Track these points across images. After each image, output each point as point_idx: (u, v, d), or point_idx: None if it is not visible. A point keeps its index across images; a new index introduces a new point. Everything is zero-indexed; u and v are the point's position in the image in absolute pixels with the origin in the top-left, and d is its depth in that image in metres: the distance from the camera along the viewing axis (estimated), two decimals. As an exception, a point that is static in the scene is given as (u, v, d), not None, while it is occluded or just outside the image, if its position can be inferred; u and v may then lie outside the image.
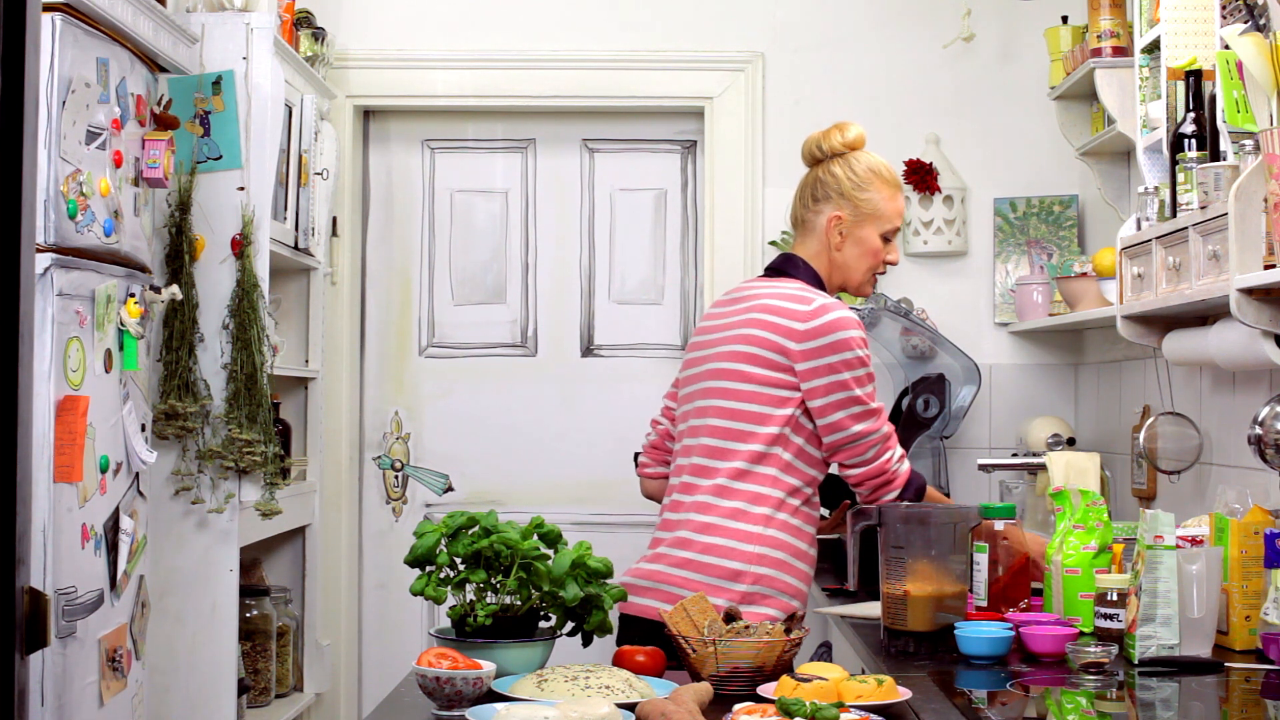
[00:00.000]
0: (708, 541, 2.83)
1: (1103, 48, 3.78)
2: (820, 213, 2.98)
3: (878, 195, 2.98)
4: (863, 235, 2.98)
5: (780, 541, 2.84)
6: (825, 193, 2.98)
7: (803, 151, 3.06)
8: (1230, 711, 2.37)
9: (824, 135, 3.02)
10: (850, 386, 2.84)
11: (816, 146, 3.02)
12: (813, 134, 3.06)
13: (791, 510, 2.87)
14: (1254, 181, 2.55)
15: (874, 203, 2.97)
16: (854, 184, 2.97)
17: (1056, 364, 4.42)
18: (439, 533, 2.47)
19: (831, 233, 2.97)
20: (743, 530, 2.83)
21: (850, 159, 3.00)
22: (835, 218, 2.97)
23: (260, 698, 3.75)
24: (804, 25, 4.47)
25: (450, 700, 2.18)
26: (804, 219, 3.02)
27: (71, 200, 2.65)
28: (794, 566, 2.86)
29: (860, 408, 2.85)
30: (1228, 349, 2.85)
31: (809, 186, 3.02)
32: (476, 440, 4.59)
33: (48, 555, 2.57)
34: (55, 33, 2.60)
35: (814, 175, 3.02)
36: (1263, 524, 2.63)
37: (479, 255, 4.64)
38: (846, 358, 2.84)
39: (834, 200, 2.97)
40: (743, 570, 2.80)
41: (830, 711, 1.99)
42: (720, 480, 2.87)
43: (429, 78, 4.49)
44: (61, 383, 2.63)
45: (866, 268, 3.01)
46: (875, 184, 2.98)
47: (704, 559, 2.82)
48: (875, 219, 2.98)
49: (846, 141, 3.00)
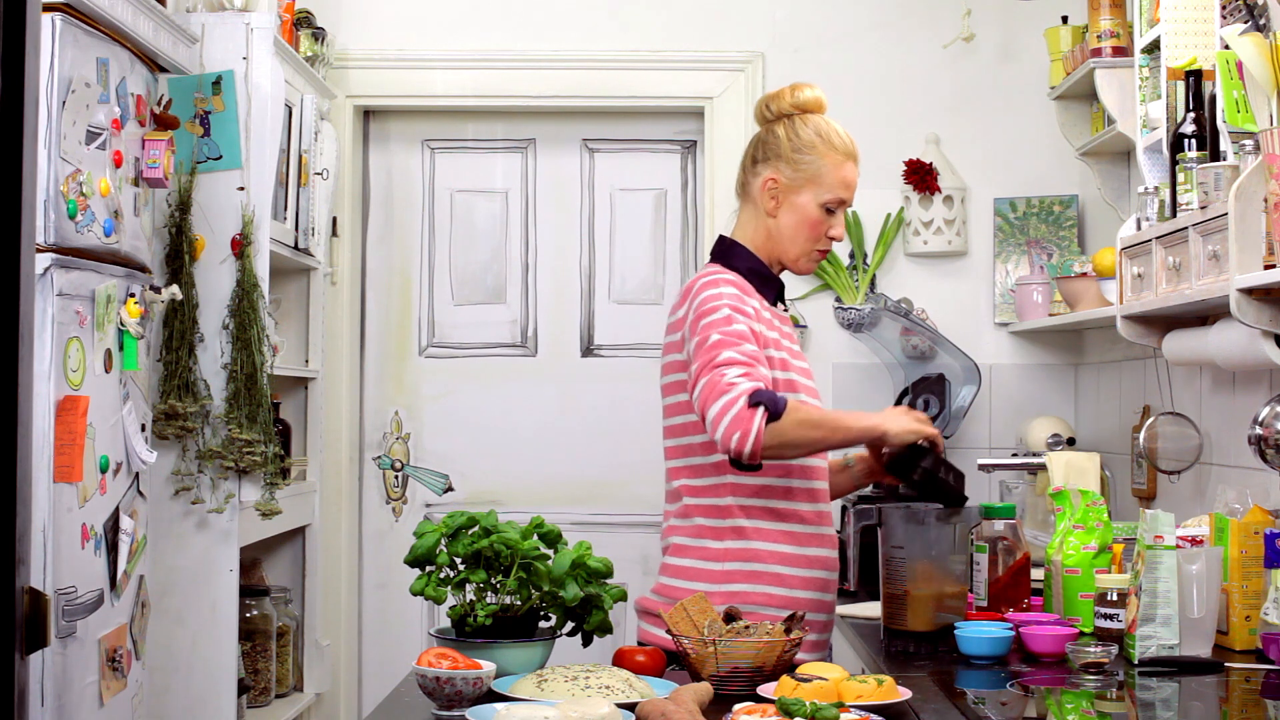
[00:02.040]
0: (679, 565, 2.70)
1: (1103, 48, 3.78)
2: (759, 175, 2.75)
3: (821, 161, 2.71)
4: (800, 201, 2.72)
5: (753, 552, 2.65)
6: (765, 154, 2.75)
7: (754, 111, 2.84)
8: (1230, 711, 2.37)
9: (774, 94, 2.79)
10: (697, 334, 2.60)
11: (766, 106, 2.80)
12: (767, 92, 2.87)
13: (763, 513, 2.66)
14: (1254, 181, 2.55)
15: (815, 166, 2.71)
16: (793, 146, 2.73)
17: (1056, 364, 4.42)
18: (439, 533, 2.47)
19: (764, 196, 2.74)
20: (710, 548, 2.66)
21: (798, 120, 2.75)
22: (770, 180, 2.73)
23: (260, 698, 3.75)
24: (804, 25, 4.47)
25: (450, 700, 2.18)
26: (743, 183, 2.80)
27: (71, 200, 2.65)
28: (777, 574, 2.66)
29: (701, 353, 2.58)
30: (1228, 349, 2.85)
31: (751, 148, 2.80)
32: (476, 440, 4.59)
33: (48, 555, 2.57)
34: (55, 33, 2.60)
35: (758, 136, 2.80)
36: (1263, 524, 2.63)
37: (479, 255, 4.64)
38: (696, 308, 2.63)
39: (771, 162, 2.74)
40: (712, 591, 2.62)
41: (830, 711, 1.99)
42: (682, 501, 2.71)
43: (429, 78, 4.49)
44: (61, 383, 2.63)
45: (805, 238, 2.74)
46: (819, 148, 2.72)
47: (676, 583, 2.68)
48: (814, 184, 2.72)
49: (796, 102, 2.76)
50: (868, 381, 4.38)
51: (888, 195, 4.42)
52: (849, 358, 4.42)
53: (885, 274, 4.43)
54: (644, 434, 4.31)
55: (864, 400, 4.32)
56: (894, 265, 4.44)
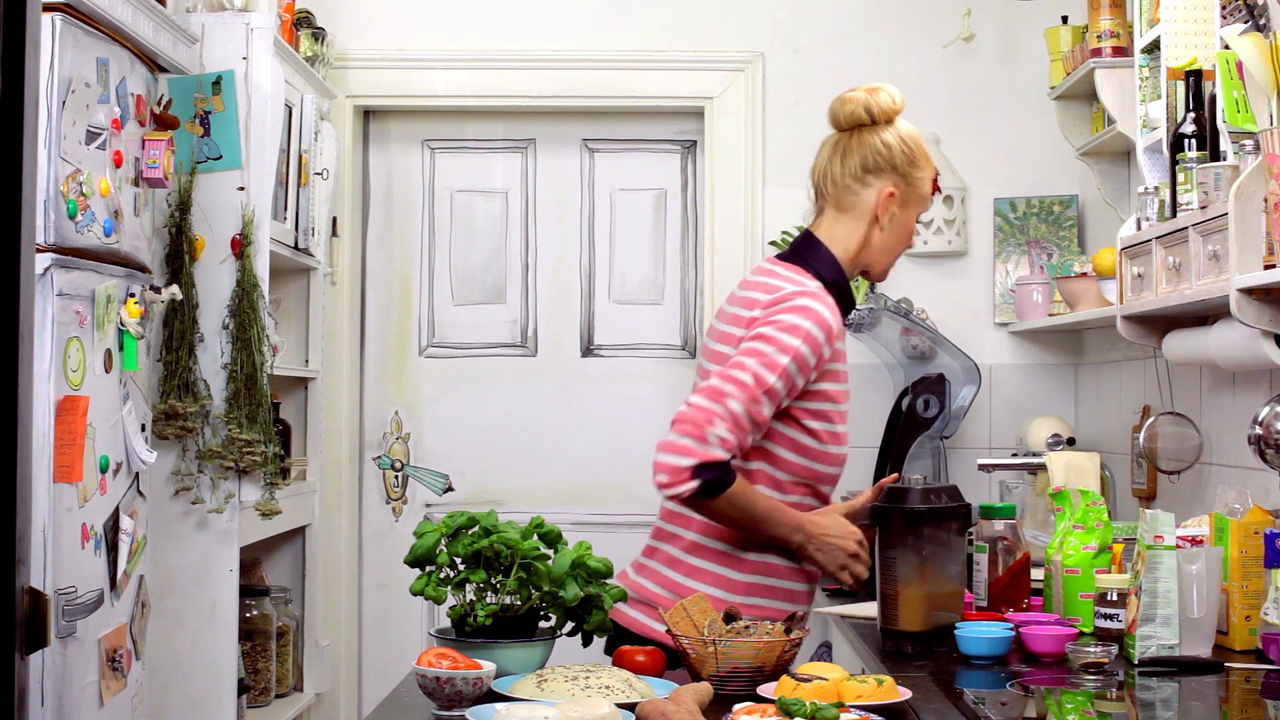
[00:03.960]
0: (698, 566, 2.68)
1: (1103, 48, 3.78)
2: (871, 186, 2.63)
3: (924, 175, 2.67)
4: (908, 217, 2.67)
5: (773, 567, 2.66)
6: (879, 164, 2.63)
7: (840, 113, 2.67)
8: (1230, 711, 2.36)
9: (872, 94, 2.65)
10: (748, 345, 2.52)
11: (864, 108, 2.64)
12: (851, 93, 2.68)
13: None
14: (1254, 181, 2.55)
15: (923, 183, 2.67)
16: (907, 158, 2.64)
17: (1056, 364, 4.42)
18: (439, 533, 2.47)
19: (884, 210, 2.64)
20: (735, 556, 2.65)
21: (898, 128, 2.66)
22: (890, 194, 2.63)
23: (260, 698, 3.75)
24: (804, 25, 4.47)
25: (450, 700, 2.18)
26: (847, 188, 2.64)
27: (71, 200, 2.65)
28: (789, 590, 2.67)
29: (723, 372, 2.51)
30: (1228, 349, 2.85)
31: (860, 153, 2.64)
32: (476, 440, 4.59)
33: (48, 555, 2.57)
34: (55, 33, 2.60)
35: (864, 140, 2.64)
36: (1263, 524, 2.63)
37: (479, 255, 4.64)
38: (773, 320, 2.53)
39: (887, 174, 2.63)
40: (731, 601, 2.61)
41: (830, 711, 1.99)
42: None
43: (429, 78, 4.49)
44: (61, 383, 2.63)
45: (899, 251, 2.71)
46: (923, 162, 2.67)
47: (693, 584, 2.65)
48: (920, 200, 2.68)
49: (898, 107, 2.67)
50: (868, 382, 4.38)
51: (888, 195, 4.42)
52: (849, 358, 4.39)
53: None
54: (644, 434, 4.29)
55: (864, 400, 4.31)
56: (894, 265, 4.43)
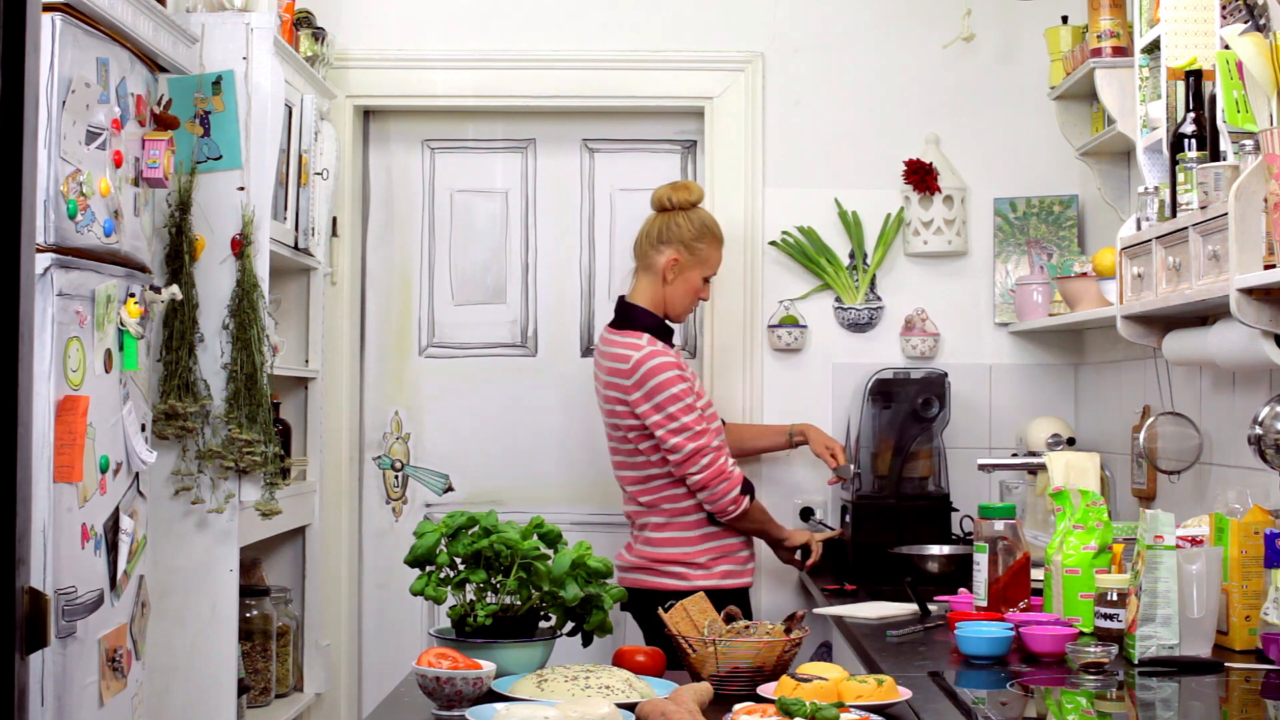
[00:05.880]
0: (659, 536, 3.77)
1: (1103, 48, 3.78)
2: (661, 253, 3.76)
3: (708, 248, 3.78)
4: (690, 276, 3.77)
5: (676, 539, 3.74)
6: (668, 237, 3.76)
7: (653, 199, 3.83)
8: (1230, 711, 2.37)
9: (673, 189, 3.79)
10: (665, 413, 3.66)
11: (666, 199, 3.79)
12: (661, 188, 3.82)
13: None
14: (1254, 181, 2.55)
15: (704, 253, 3.77)
16: (693, 235, 3.76)
17: (1056, 364, 4.42)
18: (439, 533, 2.47)
19: (668, 270, 3.76)
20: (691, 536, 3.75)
21: (691, 214, 3.77)
22: (673, 260, 3.75)
23: (260, 698, 3.75)
24: (804, 25, 4.47)
25: (450, 700, 2.18)
26: (646, 253, 3.79)
27: (71, 200, 2.65)
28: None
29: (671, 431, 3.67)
30: (1228, 349, 2.85)
31: (656, 228, 3.78)
32: (476, 440, 4.59)
33: (48, 555, 2.57)
34: (55, 33, 2.60)
35: (662, 220, 3.78)
36: (1263, 524, 2.63)
37: (479, 255, 4.64)
38: (650, 389, 3.65)
39: (674, 245, 3.76)
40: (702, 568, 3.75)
41: (830, 711, 1.99)
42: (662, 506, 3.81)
43: (429, 78, 4.49)
44: (61, 383, 2.63)
45: (690, 302, 3.81)
46: (708, 238, 3.78)
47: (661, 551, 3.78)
48: (702, 265, 3.78)
49: (691, 199, 3.79)
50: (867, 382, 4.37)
51: (888, 195, 4.42)
52: (849, 358, 4.42)
53: (885, 274, 4.43)
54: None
55: (863, 399, 4.31)
56: (894, 265, 4.44)
